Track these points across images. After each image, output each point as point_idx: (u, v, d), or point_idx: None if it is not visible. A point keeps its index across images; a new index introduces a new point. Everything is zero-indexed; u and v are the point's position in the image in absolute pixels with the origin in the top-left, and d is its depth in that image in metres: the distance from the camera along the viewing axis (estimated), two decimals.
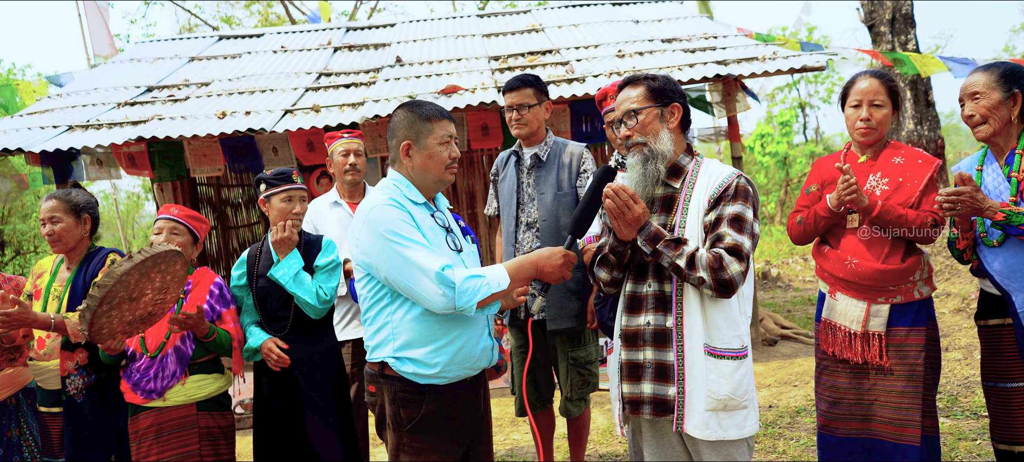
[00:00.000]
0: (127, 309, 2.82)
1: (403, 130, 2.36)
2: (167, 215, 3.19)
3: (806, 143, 23.99)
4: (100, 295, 2.66)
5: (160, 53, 9.14)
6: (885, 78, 2.90)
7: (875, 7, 11.00)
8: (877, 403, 2.83)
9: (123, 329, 2.87)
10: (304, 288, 3.14)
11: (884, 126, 2.87)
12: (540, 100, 3.53)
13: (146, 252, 2.75)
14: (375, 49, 8.75)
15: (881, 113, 2.86)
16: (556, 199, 3.49)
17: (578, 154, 3.54)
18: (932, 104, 10.79)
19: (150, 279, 2.83)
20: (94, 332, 2.74)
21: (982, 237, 2.80)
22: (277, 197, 3.22)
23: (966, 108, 2.78)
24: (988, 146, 2.86)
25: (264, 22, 20.70)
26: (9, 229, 14.90)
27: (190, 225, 3.21)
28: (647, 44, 7.60)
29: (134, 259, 2.71)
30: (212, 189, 9.03)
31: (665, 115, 2.38)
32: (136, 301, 2.84)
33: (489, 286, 2.20)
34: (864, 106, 2.87)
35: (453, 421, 2.33)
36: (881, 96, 2.86)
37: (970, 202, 2.59)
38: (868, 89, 2.87)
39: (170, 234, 3.13)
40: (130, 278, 2.73)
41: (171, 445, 3.01)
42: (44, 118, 6.77)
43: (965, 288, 7.82)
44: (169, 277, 2.91)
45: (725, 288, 2.19)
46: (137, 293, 2.82)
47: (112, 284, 2.67)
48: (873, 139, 2.90)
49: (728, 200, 2.27)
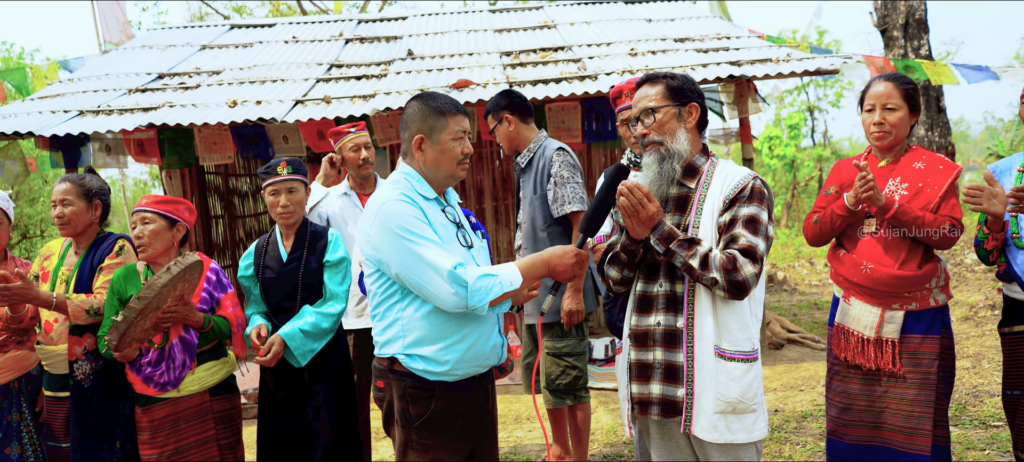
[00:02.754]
0: (151, 317, 2.86)
1: (416, 123, 2.34)
2: (137, 207, 3.13)
3: (814, 147, 23.90)
4: (140, 306, 2.72)
5: (172, 40, 9.13)
6: (900, 80, 2.87)
7: (888, 11, 10.92)
8: (888, 410, 2.81)
9: (139, 337, 2.89)
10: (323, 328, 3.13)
11: (900, 129, 2.85)
12: (499, 119, 3.77)
13: (181, 263, 2.81)
14: (387, 41, 8.73)
15: (895, 116, 2.84)
16: (531, 202, 3.73)
17: (549, 157, 3.68)
18: (943, 110, 10.72)
19: (175, 288, 2.88)
20: (123, 342, 2.81)
21: (1014, 239, 2.77)
22: (267, 190, 3.25)
23: None
24: None
25: (275, 12, 20.71)
26: (17, 212, 14.96)
27: (162, 210, 3.11)
28: (660, 43, 7.57)
29: (172, 271, 2.77)
30: (220, 177, 9.03)
31: (683, 114, 2.36)
32: (158, 310, 2.87)
33: (501, 285, 2.18)
34: (878, 110, 2.86)
35: (461, 418, 2.32)
36: (895, 99, 2.84)
37: None
38: (882, 93, 2.86)
39: (142, 225, 3.07)
40: (166, 290, 2.79)
41: (190, 432, 3.07)
42: (54, 102, 6.78)
43: (973, 296, 7.78)
44: (188, 285, 2.96)
45: (738, 289, 2.17)
46: (162, 302, 2.86)
47: (152, 296, 2.73)
48: (888, 143, 2.87)
49: (743, 201, 2.25)
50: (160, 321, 2.94)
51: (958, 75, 6.96)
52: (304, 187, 3.30)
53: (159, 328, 2.98)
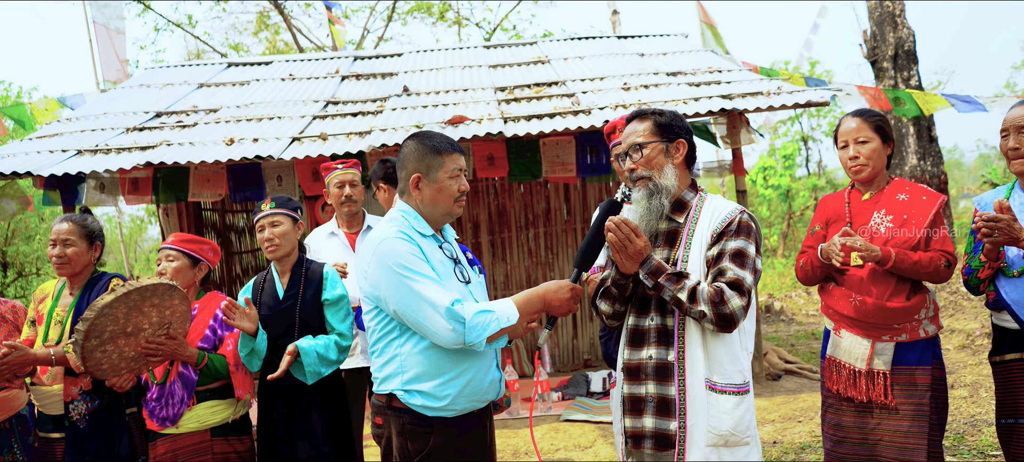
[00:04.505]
0: (125, 344, 2.80)
1: (413, 162, 2.38)
2: (165, 244, 3.22)
3: (809, 176, 24.02)
4: (84, 328, 2.65)
5: (169, 79, 9.22)
6: (868, 114, 2.96)
7: (878, 43, 11.09)
8: (882, 443, 2.81)
9: (126, 366, 2.87)
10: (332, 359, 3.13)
11: (874, 160, 2.92)
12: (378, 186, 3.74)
13: (131, 284, 2.74)
14: (382, 78, 8.82)
15: (867, 148, 2.91)
16: None
17: None
18: (935, 139, 10.83)
19: (143, 313, 2.80)
20: (90, 367, 2.75)
21: (1003, 267, 2.81)
22: (256, 228, 3.28)
23: (1011, 139, 2.83)
24: (1018, 179, 2.90)
25: (272, 49, 20.89)
26: (12, 250, 14.93)
27: (186, 249, 3.22)
28: (652, 77, 7.66)
29: (116, 292, 2.70)
30: (217, 214, 9.06)
31: (670, 150, 2.40)
32: (133, 336, 2.82)
33: (499, 321, 2.21)
34: (851, 145, 2.95)
35: (460, 454, 2.32)
36: (865, 132, 2.92)
37: (1007, 230, 2.61)
38: (852, 129, 2.95)
39: (166, 261, 3.16)
40: (116, 311, 2.71)
41: None
42: (53, 142, 6.82)
43: (969, 324, 7.78)
44: (169, 312, 2.90)
45: (726, 322, 2.19)
46: (132, 328, 2.80)
47: (94, 317, 2.66)
48: (866, 175, 2.94)
49: (731, 235, 2.29)
50: (146, 352, 2.90)
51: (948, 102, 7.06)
52: (291, 221, 3.29)
53: (147, 360, 2.95)
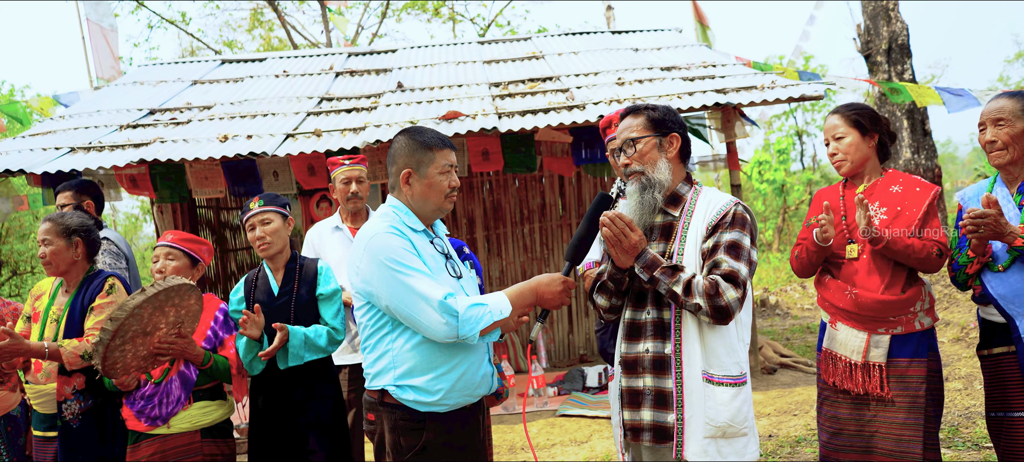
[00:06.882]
0: (140, 343, 2.81)
1: (403, 158, 2.37)
2: (163, 241, 3.19)
3: (803, 171, 24.09)
4: (113, 328, 2.65)
5: (163, 76, 9.18)
6: (845, 109, 2.99)
7: (871, 37, 11.10)
8: (878, 435, 2.82)
9: (137, 365, 2.86)
10: (319, 345, 3.14)
11: (853, 153, 2.94)
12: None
13: (160, 285, 2.76)
14: (377, 74, 8.80)
15: (845, 143, 2.94)
16: None
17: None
18: (928, 133, 10.85)
19: (164, 313, 2.82)
20: (107, 367, 2.73)
21: (988, 262, 2.81)
22: (246, 227, 3.27)
23: (988, 133, 2.81)
24: (999, 173, 2.89)
25: (266, 46, 20.82)
26: (7, 249, 14.88)
27: (187, 248, 3.20)
28: (646, 72, 7.65)
29: (147, 292, 2.71)
30: (211, 211, 9.04)
31: (664, 145, 2.40)
32: (149, 336, 2.82)
33: (492, 314, 2.20)
34: (831, 142, 3.00)
35: (454, 449, 2.31)
36: (841, 128, 2.96)
37: (994, 226, 2.61)
38: (829, 126, 3.01)
39: (166, 259, 3.12)
40: (143, 311, 2.72)
41: None
42: (46, 139, 6.79)
43: (965, 317, 7.81)
44: (183, 311, 2.91)
45: (721, 314, 2.20)
46: (151, 327, 2.81)
47: (125, 317, 2.67)
48: (848, 169, 2.97)
49: (725, 227, 2.29)
50: (158, 351, 2.90)
51: (940, 97, 7.07)
52: (281, 218, 3.27)
53: (158, 359, 2.94)
